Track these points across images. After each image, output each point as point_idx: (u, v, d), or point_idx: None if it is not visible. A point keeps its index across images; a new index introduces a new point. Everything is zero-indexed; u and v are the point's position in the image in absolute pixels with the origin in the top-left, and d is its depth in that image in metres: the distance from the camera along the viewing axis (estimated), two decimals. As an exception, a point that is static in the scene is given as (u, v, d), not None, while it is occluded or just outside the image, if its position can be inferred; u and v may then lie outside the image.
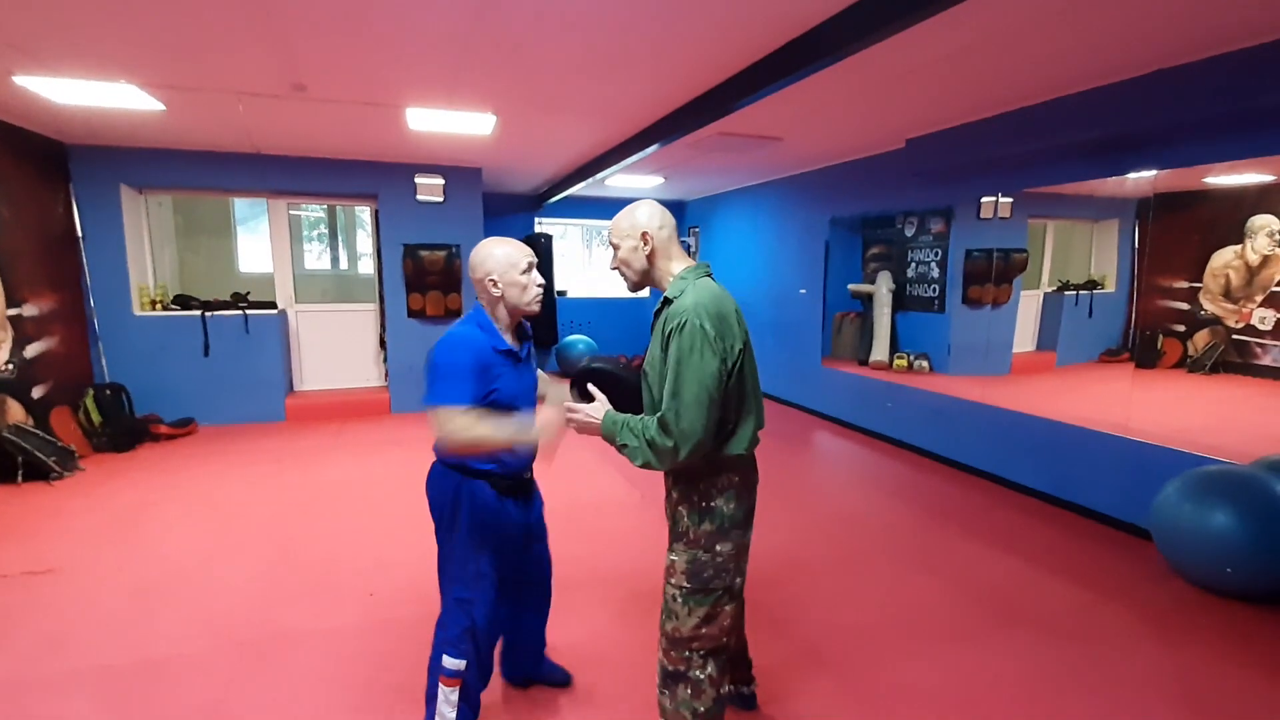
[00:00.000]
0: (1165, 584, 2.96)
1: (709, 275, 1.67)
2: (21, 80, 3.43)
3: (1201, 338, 3.59)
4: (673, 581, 1.66)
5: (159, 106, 3.96)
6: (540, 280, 1.81)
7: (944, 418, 4.80)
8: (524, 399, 1.85)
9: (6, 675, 2.26)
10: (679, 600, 1.64)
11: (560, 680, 2.21)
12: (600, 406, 1.65)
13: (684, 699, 1.65)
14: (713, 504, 1.62)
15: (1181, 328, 3.66)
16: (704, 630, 1.63)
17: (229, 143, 5.23)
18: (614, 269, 1.73)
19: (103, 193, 5.29)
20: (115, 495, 4.02)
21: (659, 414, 1.52)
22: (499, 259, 1.74)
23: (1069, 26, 2.63)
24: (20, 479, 4.14)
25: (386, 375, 6.51)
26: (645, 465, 1.54)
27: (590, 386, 1.68)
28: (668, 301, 1.63)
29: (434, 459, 1.84)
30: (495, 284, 1.74)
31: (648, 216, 1.66)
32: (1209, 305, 3.55)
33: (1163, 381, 3.71)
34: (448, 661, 1.80)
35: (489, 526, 1.79)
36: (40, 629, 2.53)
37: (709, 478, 1.62)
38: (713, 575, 1.62)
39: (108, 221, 5.33)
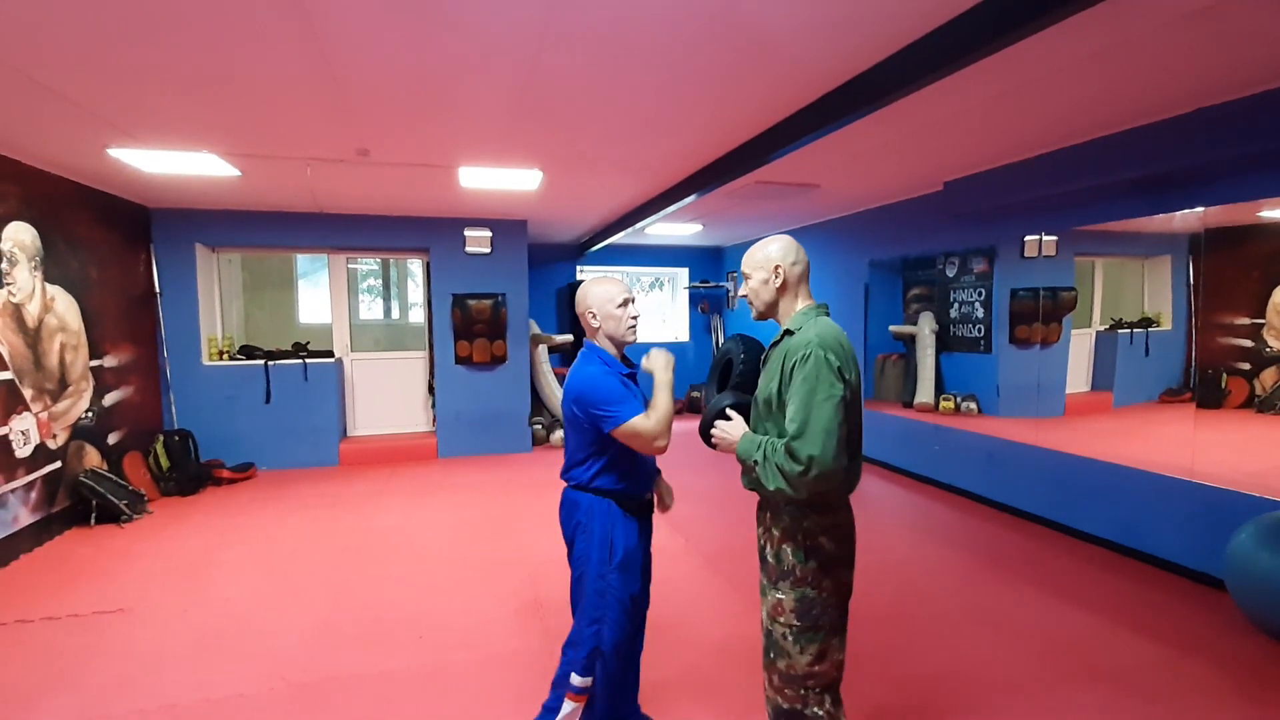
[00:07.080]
0: (1244, 638, 2.78)
1: (827, 314, 1.71)
2: (115, 152, 3.78)
3: (1269, 376, 3.44)
4: (781, 620, 1.65)
5: (236, 173, 4.29)
6: (635, 313, 1.98)
7: (996, 461, 4.66)
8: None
9: (79, 714, 2.36)
10: (789, 639, 1.64)
11: None
12: (739, 425, 1.71)
13: None
14: (818, 541, 1.62)
15: (1246, 365, 3.52)
16: (817, 668, 1.63)
17: (296, 203, 5.60)
18: (742, 296, 1.80)
19: (180, 252, 5.70)
20: (181, 538, 4.19)
21: (786, 440, 1.53)
22: (596, 295, 1.95)
23: (1104, 70, 2.66)
24: (93, 521, 4.38)
25: (434, 420, 6.69)
26: (777, 490, 1.54)
27: (729, 410, 1.76)
28: (788, 333, 1.65)
29: (565, 486, 1.98)
30: (594, 317, 1.95)
31: (782, 252, 1.70)
32: (1274, 342, 3.42)
33: (1230, 422, 3.55)
34: (575, 679, 1.87)
35: (617, 544, 1.89)
36: (110, 668, 2.65)
37: (815, 516, 1.62)
38: (820, 613, 1.63)
39: (183, 278, 5.73)
